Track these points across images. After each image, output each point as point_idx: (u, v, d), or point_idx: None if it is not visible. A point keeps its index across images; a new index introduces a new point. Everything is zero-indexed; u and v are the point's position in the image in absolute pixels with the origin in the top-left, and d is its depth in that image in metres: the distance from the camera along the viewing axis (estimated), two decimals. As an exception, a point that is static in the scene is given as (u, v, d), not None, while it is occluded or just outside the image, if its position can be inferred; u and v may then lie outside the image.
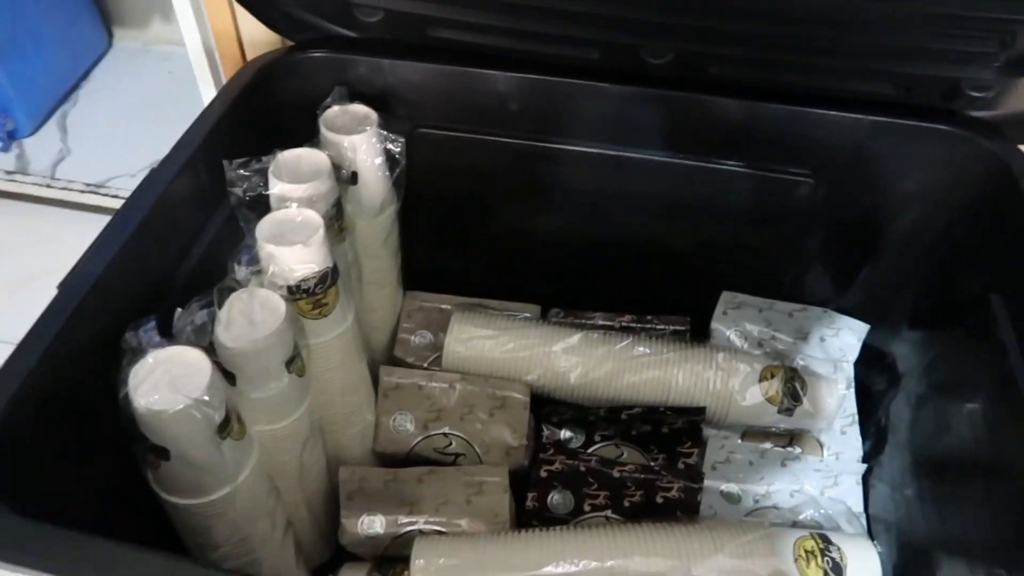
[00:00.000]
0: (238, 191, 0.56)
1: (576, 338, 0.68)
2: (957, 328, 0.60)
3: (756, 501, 0.67)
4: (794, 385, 0.66)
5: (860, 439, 0.68)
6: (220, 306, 0.49)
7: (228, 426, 0.46)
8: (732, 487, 0.67)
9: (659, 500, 0.62)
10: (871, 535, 0.65)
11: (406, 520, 0.61)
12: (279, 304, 0.51)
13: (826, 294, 0.73)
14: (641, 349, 0.68)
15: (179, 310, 0.47)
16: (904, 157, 0.59)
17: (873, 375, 0.70)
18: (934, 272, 0.63)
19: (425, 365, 0.75)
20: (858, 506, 0.66)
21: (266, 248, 0.52)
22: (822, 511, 0.64)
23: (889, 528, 0.63)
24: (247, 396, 0.51)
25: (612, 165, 0.67)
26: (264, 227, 0.53)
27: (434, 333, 0.76)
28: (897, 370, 0.69)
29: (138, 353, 0.45)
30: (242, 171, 0.56)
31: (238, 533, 0.52)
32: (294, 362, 0.53)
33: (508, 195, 0.72)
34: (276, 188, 0.56)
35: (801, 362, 0.68)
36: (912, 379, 0.67)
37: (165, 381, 0.43)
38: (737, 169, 0.64)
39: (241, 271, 0.51)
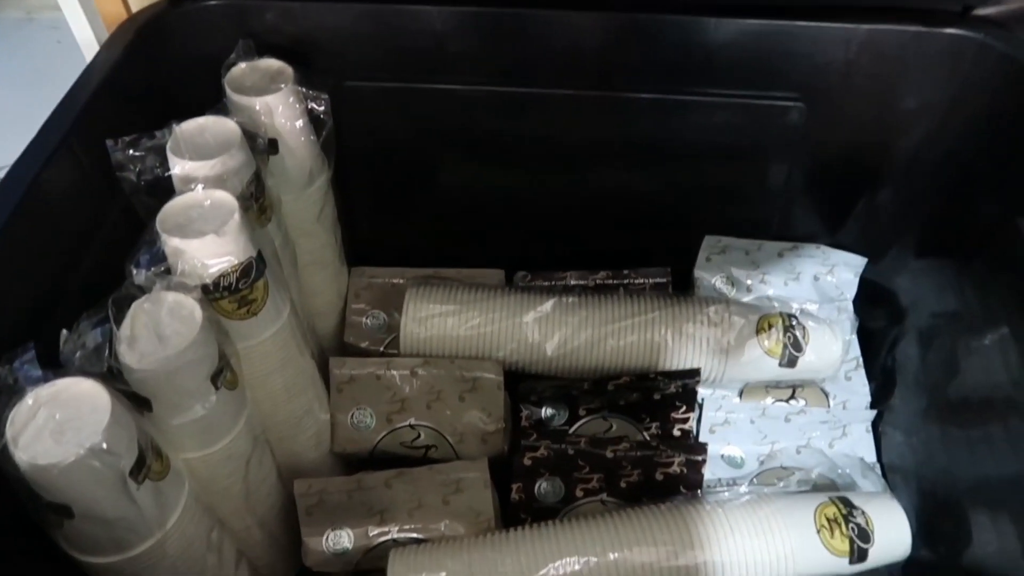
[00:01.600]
0: (130, 176, 0.46)
1: (549, 305, 0.61)
2: (973, 256, 0.54)
3: (761, 463, 0.61)
4: (794, 334, 0.59)
5: (867, 384, 0.62)
6: (118, 321, 0.40)
7: (143, 467, 0.38)
8: (733, 450, 0.61)
9: (659, 477, 0.56)
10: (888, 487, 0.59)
11: (377, 531, 0.54)
12: (192, 309, 0.42)
13: (818, 231, 0.66)
14: (623, 310, 0.60)
15: (64, 332, 0.38)
16: (905, 70, 0.52)
17: (874, 313, 0.64)
18: (943, 197, 0.56)
19: (382, 349, 0.67)
20: (871, 456, 0.60)
21: (171, 243, 0.43)
22: (834, 468, 0.59)
23: (907, 478, 0.58)
24: (168, 423, 0.42)
25: (572, 107, 0.58)
26: (166, 217, 0.44)
27: (388, 312, 0.68)
28: (900, 305, 0.63)
29: (15, 392, 0.36)
30: (132, 151, 0.46)
31: (178, 580, 0.44)
32: (222, 375, 0.44)
33: (456, 149, 0.63)
34: (177, 167, 0.46)
35: (799, 307, 0.62)
36: (919, 314, 0.61)
37: (51, 426, 0.34)
38: (716, 100, 0.56)
39: (140, 275, 0.42)
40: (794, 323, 0.60)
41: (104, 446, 0.34)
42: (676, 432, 0.60)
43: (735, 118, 0.57)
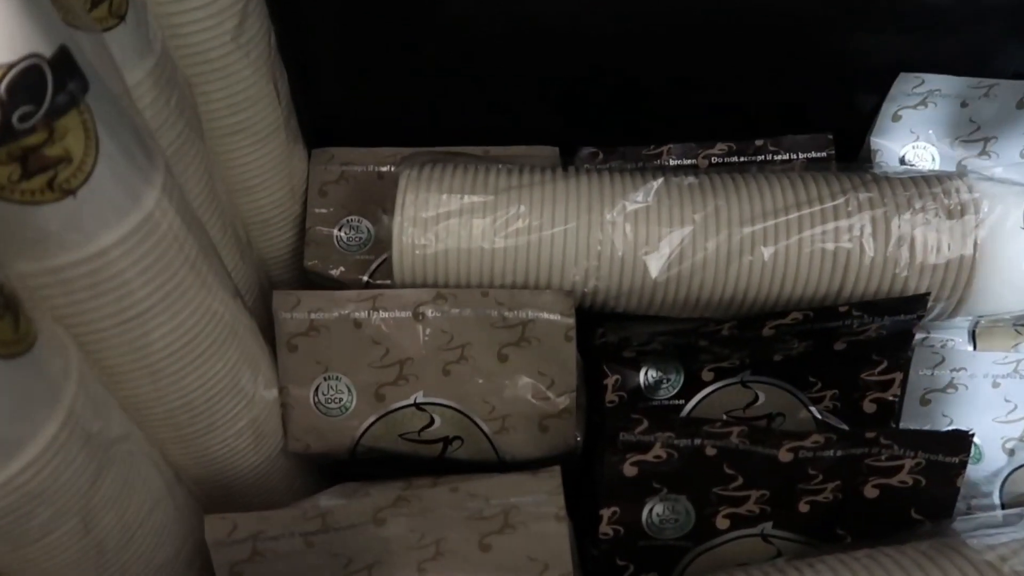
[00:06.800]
0: None
1: (651, 191, 0.35)
2: None
3: (1011, 452, 0.36)
4: (1092, 229, 0.33)
5: None
6: None
7: None
8: (964, 433, 0.36)
9: (871, 494, 0.31)
10: None
11: (362, 603, 0.29)
12: None
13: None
14: (781, 198, 0.34)
15: None
16: None
17: None
18: None
19: (365, 278, 0.42)
20: None
21: None
22: None
23: None
24: None
25: None
26: None
27: (373, 218, 0.42)
28: None
29: None
30: None
31: None
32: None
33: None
34: None
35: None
36: None
37: None
38: None
39: None
40: (1090, 211, 0.34)
41: None
42: (869, 406, 0.35)
43: None
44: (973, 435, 0.30)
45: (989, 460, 0.36)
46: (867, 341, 0.34)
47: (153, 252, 0.25)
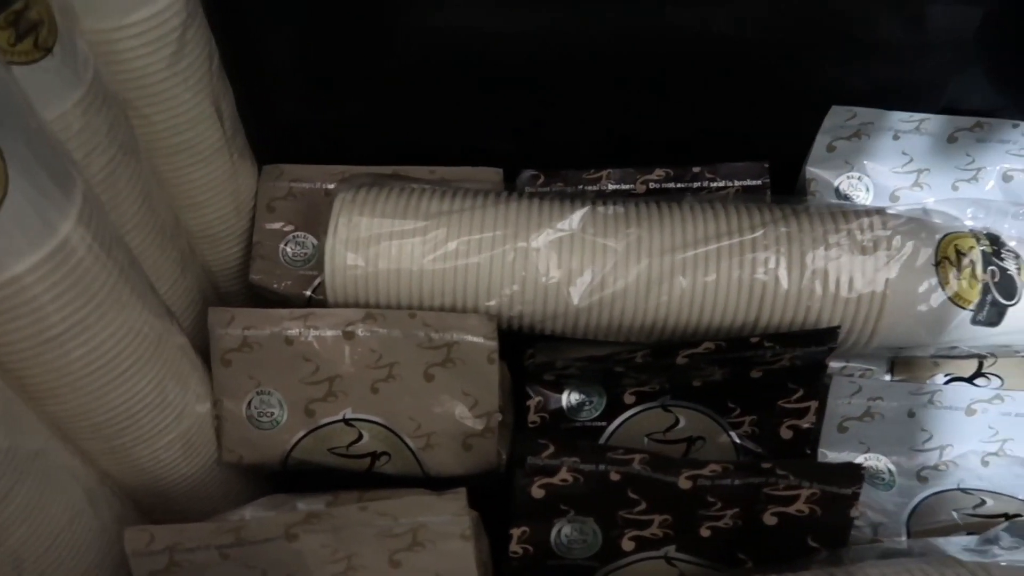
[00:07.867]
0: None
1: (575, 219, 0.36)
2: None
3: (924, 480, 0.37)
4: (1001, 268, 0.34)
5: (1104, 353, 0.38)
6: None
7: None
8: (879, 461, 0.37)
9: (770, 521, 0.32)
10: None
11: (276, 615, 0.31)
12: None
13: (1014, 102, 0.40)
14: (701, 229, 0.35)
15: None
16: None
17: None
18: None
19: (308, 293, 0.43)
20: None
21: None
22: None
23: None
24: None
25: None
26: None
27: (319, 235, 0.43)
28: None
29: None
30: None
31: None
32: None
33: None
34: None
35: (1010, 220, 0.37)
36: None
37: None
38: None
39: None
40: (1001, 250, 0.35)
41: None
42: (786, 433, 0.36)
43: None
44: (864, 469, 0.31)
45: (902, 487, 0.37)
46: (781, 370, 0.35)
47: (68, 278, 0.26)
